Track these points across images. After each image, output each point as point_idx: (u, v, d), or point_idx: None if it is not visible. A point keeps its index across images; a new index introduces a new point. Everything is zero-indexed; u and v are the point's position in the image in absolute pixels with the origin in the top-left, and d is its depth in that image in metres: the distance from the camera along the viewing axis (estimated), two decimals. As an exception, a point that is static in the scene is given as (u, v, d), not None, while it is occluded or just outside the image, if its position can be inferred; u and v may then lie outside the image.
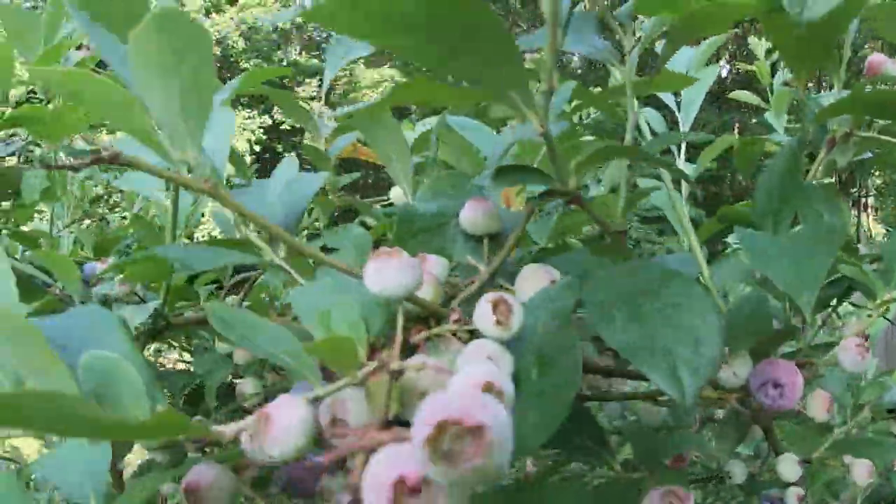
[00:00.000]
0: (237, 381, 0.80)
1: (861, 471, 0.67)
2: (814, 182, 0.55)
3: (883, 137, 0.54)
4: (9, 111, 0.86)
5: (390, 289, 0.32)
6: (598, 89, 0.68)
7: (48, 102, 0.93)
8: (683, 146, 0.76)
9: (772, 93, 1.03)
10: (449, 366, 0.32)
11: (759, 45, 1.12)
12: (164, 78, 0.31)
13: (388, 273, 0.32)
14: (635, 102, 0.50)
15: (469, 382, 0.28)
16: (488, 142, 0.52)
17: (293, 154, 0.60)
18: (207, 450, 0.36)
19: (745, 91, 1.16)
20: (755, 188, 0.52)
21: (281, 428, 0.27)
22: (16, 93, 0.93)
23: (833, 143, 0.55)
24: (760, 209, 0.50)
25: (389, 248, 0.34)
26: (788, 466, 0.64)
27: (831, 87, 0.62)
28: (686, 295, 0.33)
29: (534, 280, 0.40)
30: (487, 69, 0.32)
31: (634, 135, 0.53)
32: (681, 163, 0.76)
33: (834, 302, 0.69)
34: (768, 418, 0.64)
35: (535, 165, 0.55)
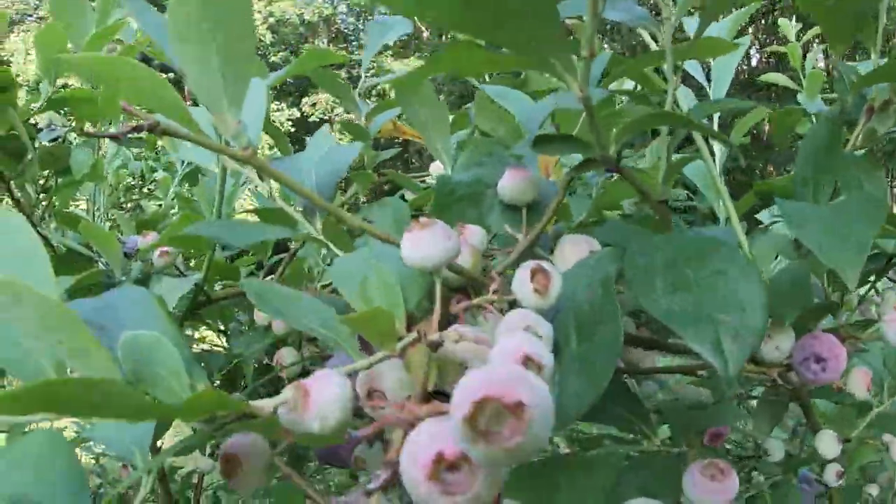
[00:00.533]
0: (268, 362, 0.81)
1: (900, 449, 0.66)
2: (853, 152, 0.53)
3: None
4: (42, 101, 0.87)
5: (427, 259, 0.32)
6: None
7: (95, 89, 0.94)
8: (716, 123, 0.75)
9: (804, 75, 1.01)
10: (488, 335, 0.32)
11: (788, 27, 1.10)
12: (202, 46, 0.31)
13: (424, 245, 0.32)
14: (675, 70, 0.49)
15: (509, 357, 0.27)
16: (525, 109, 0.51)
17: (326, 125, 0.60)
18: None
19: (777, 73, 1.13)
20: (795, 159, 0.51)
21: (320, 403, 0.26)
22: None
23: (872, 112, 0.54)
24: (800, 178, 0.50)
25: (426, 218, 0.33)
26: (828, 443, 0.63)
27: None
28: (730, 262, 0.32)
29: (574, 250, 0.39)
30: (528, 35, 0.32)
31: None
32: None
33: (872, 278, 0.67)
34: (807, 395, 0.63)
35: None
